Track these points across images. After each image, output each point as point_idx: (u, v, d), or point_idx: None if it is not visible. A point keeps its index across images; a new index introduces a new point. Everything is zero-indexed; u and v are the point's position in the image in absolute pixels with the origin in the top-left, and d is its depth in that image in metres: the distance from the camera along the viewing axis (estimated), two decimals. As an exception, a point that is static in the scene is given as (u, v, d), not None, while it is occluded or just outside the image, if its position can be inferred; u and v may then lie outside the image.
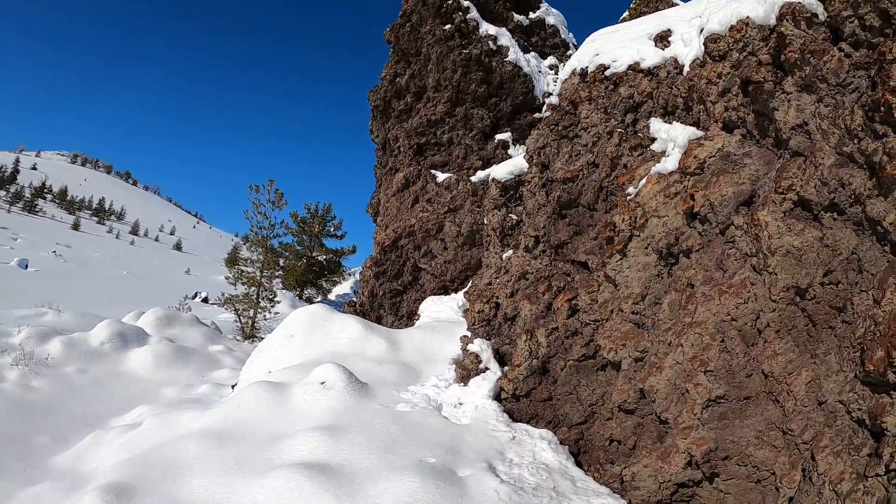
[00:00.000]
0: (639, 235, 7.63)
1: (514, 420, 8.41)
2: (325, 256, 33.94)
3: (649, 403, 7.10)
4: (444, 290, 15.29)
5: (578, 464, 7.72)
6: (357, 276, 37.23)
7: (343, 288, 38.73)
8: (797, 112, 6.41)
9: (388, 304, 16.48)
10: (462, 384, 9.02)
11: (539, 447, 7.60)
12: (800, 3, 6.51)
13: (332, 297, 36.32)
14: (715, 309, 6.63)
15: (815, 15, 6.44)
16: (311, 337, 10.47)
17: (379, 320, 16.27)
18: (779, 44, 6.62)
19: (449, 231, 15.55)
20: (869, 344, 5.45)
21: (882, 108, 5.67)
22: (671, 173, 7.46)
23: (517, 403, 8.64)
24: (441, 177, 16.30)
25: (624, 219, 7.78)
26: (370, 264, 16.85)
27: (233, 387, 11.49)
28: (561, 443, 7.91)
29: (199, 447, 7.01)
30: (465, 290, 13.47)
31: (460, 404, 8.52)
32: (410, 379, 9.24)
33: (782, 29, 6.56)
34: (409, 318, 15.47)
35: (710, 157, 7.03)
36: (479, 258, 14.57)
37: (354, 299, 21.40)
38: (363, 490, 5.99)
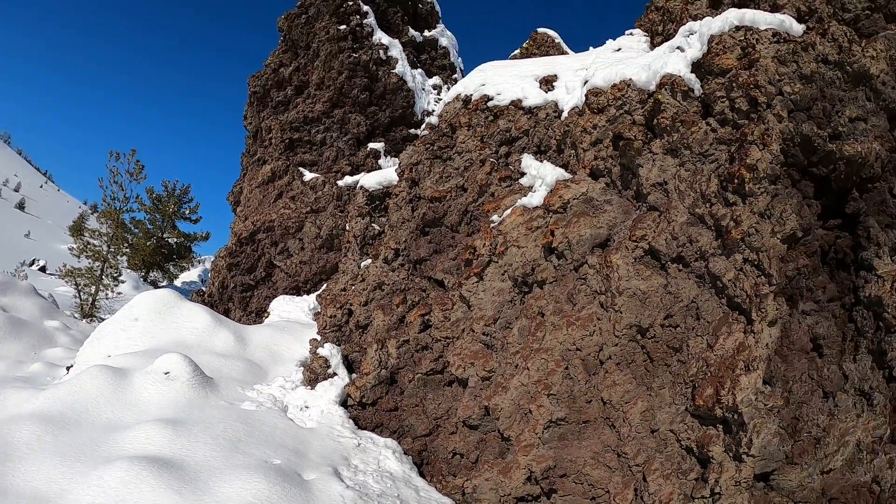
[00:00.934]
0: (497, 262, 7.70)
1: (360, 427, 8.20)
2: (176, 239, 31.48)
3: (493, 420, 7.17)
4: (297, 291, 14.66)
5: (422, 474, 7.65)
6: (207, 264, 35.06)
7: (191, 275, 36.26)
8: (660, 171, 6.80)
9: (238, 298, 15.56)
10: (309, 387, 8.69)
11: (384, 455, 7.47)
12: (680, 76, 6.94)
13: (178, 283, 33.84)
14: (562, 338, 6.83)
15: (692, 90, 6.91)
16: (157, 323, 9.61)
17: (227, 313, 15.27)
18: (654, 108, 6.99)
19: (309, 231, 14.98)
20: (700, 382, 6.07)
21: (736, 181, 6.26)
22: (535, 208, 7.62)
23: (363, 411, 8.44)
24: (308, 176, 15.71)
25: (485, 244, 7.81)
26: (224, 254, 15.83)
27: (68, 368, 10.24)
28: (405, 453, 7.81)
29: (32, 432, 6.22)
30: (319, 293, 12.96)
31: (307, 407, 8.20)
32: (257, 377, 8.75)
33: (659, 96, 6.95)
34: (258, 315, 14.68)
35: (573, 199, 7.24)
36: (336, 263, 14.09)
37: (203, 288, 20.00)
38: (208, 489, 5.55)
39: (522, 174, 8.31)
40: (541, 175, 7.83)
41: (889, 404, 6.12)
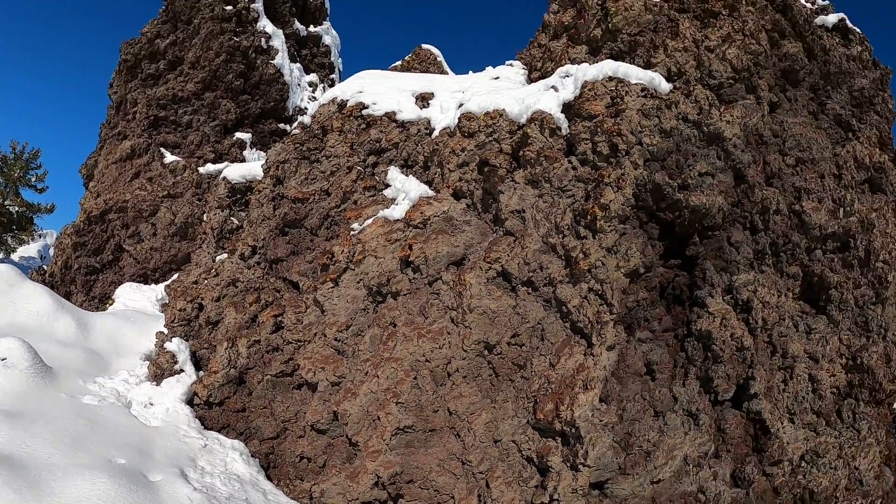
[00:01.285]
0: (354, 269, 7.63)
1: (206, 427, 7.77)
2: (18, 208, 28.25)
3: (342, 426, 7.10)
4: (145, 279, 13.61)
5: (269, 477, 7.38)
6: (49, 239, 31.91)
7: (30, 250, 32.68)
8: (520, 200, 7.03)
9: (82, 281, 14.23)
10: (154, 383, 8.12)
11: (231, 457, 7.13)
12: (550, 114, 7.22)
13: (15, 257, 30.54)
14: (412, 349, 6.89)
15: (559, 128, 7.22)
16: (-7, 302, 8.62)
17: (68, 297, 13.87)
18: (522, 140, 7.21)
19: (163, 217, 14.01)
20: (542, 398, 6.44)
21: (588, 217, 6.66)
22: (396, 221, 7.61)
23: (210, 411, 8.02)
24: (169, 158, 14.69)
25: (343, 251, 7.70)
26: (71, 232, 14.42)
27: None
28: (252, 455, 7.50)
29: None
30: (169, 283, 12.11)
31: (151, 405, 7.66)
32: (99, 369, 8.06)
33: (528, 130, 7.18)
34: (102, 301, 13.49)
35: (434, 216, 7.30)
36: (189, 253, 13.22)
37: (44, 267, 18.14)
38: (50, 489, 5.05)
39: (387, 186, 8.28)
40: (405, 189, 7.82)
41: (714, 424, 6.91)
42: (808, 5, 9.67)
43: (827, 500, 7.32)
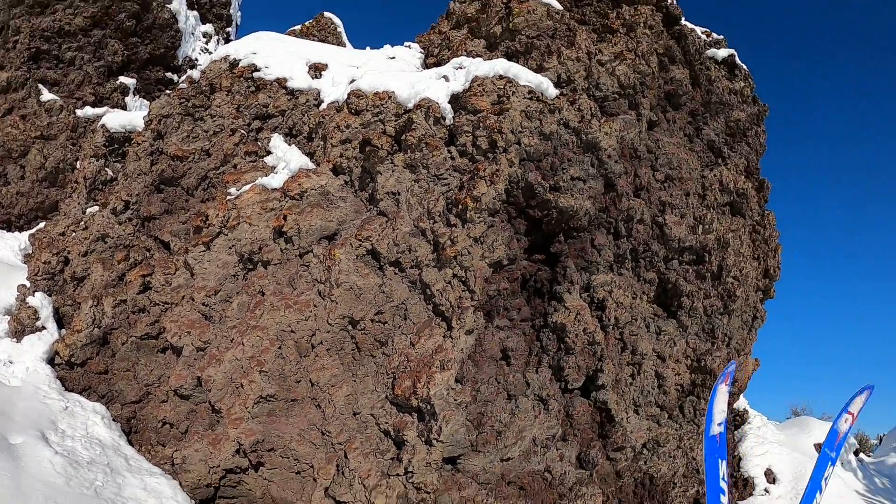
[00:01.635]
0: (227, 234, 7.57)
1: (67, 389, 7.44)
2: None
3: (205, 392, 7.06)
4: (8, 226, 12.66)
5: (130, 442, 7.20)
6: None
7: None
8: (396, 182, 7.19)
9: (-64, 224, 13.11)
10: (15, 340, 7.66)
11: (92, 421, 6.91)
12: (437, 103, 7.37)
13: None
14: (279, 318, 6.94)
15: (444, 118, 7.38)
16: None
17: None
18: (406, 125, 7.33)
19: (33, 160, 13.10)
20: (400, 374, 6.69)
21: (460, 206, 6.89)
22: (274, 190, 7.58)
23: (71, 371, 7.69)
24: (47, 96, 13.64)
25: (218, 215, 7.61)
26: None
27: None
28: (114, 419, 7.29)
29: None
30: (34, 232, 11.39)
31: (11, 363, 7.25)
32: None
33: (414, 116, 7.30)
34: (-46, 246, 12.48)
35: (312, 189, 7.33)
36: (57, 202, 12.44)
37: None
38: None
39: (269, 153, 8.17)
40: (286, 159, 7.78)
41: (563, 410, 7.39)
42: (704, 37, 10.34)
43: (665, 485, 8.09)
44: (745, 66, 10.58)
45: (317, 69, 8.90)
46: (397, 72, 8.31)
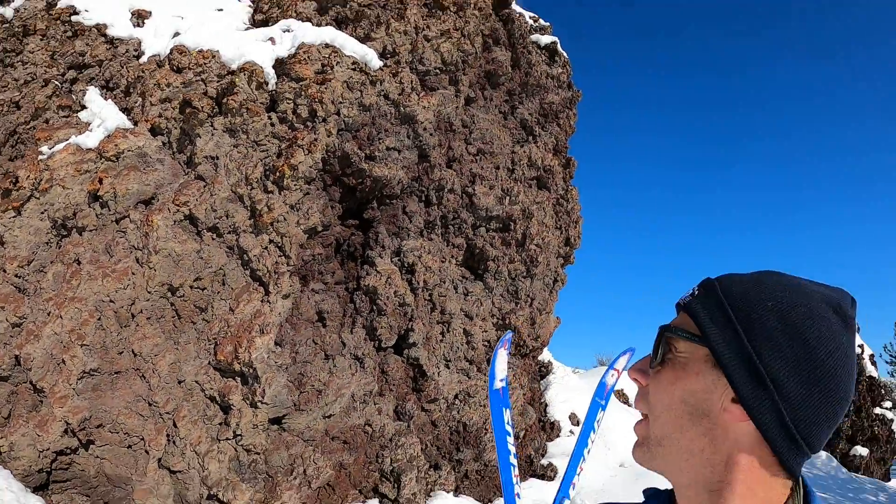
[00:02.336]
0: (39, 199, 7.31)
1: None
2: None
3: (25, 371, 6.79)
4: None
5: None
6: None
7: None
8: (215, 146, 7.32)
9: None
10: None
11: None
12: (261, 68, 7.51)
13: None
14: (97, 288, 6.86)
15: (267, 83, 7.57)
16: None
17: None
18: (228, 88, 7.47)
19: None
20: (222, 340, 6.90)
21: (278, 173, 7.23)
22: (89, 150, 7.37)
23: None
24: None
25: (29, 176, 7.33)
26: None
27: None
28: None
29: None
30: None
31: None
32: None
33: (237, 79, 7.45)
34: None
35: (129, 151, 7.26)
36: None
37: None
38: None
39: (84, 107, 7.85)
40: (102, 116, 7.55)
41: (378, 367, 7.98)
42: (531, 21, 11.25)
43: (478, 431, 9.12)
44: (565, 54, 11.65)
45: (140, 16, 8.57)
46: (223, 28, 8.26)
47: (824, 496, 13.65)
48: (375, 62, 8.11)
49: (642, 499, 1.24)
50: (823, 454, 17.32)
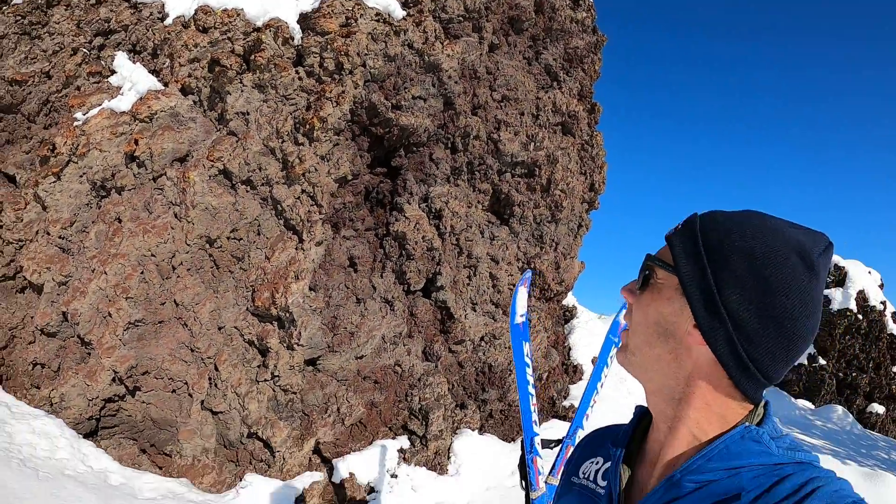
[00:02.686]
0: (77, 163, 7.66)
1: None
2: None
3: (72, 326, 7.17)
4: None
5: (5, 390, 7.20)
6: None
7: None
8: (245, 102, 7.56)
9: None
10: None
11: None
12: (286, 24, 7.68)
13: None
14: (138, 244, 7.19)
15: (293, 38, 7.75)
16: None
17: None
18: (255, 45, 7.65)
19: None
20: (258, 287, 7.32)
21: (307, 126, 7.51)
22: (123, 113, 7.67)
23: None
24: None
25: (66, 142, 7.67)
26: None
27: None
28: None
29: None
30: None
31: None
32: None
33: (263, 36, 7.63)
34: None
35: (161, 111, 7.53)
36: None
37: None
38: None
39: (113, 72, 8.16)
40: (132, 79, 7.84)
41: (407, 310, 8.37)
42: (552, -33, 11.08)
43: (503, 372, 9.50)
44: (590, -3, 11.52)
45: (161, -21, 8.75)
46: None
47: (836, 449, 13.66)
48: (398, 12, 8.24)
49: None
50: (840, 409, 17.23)
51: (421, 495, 7.75)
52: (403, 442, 8.11)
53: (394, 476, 7.70)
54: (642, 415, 1.39)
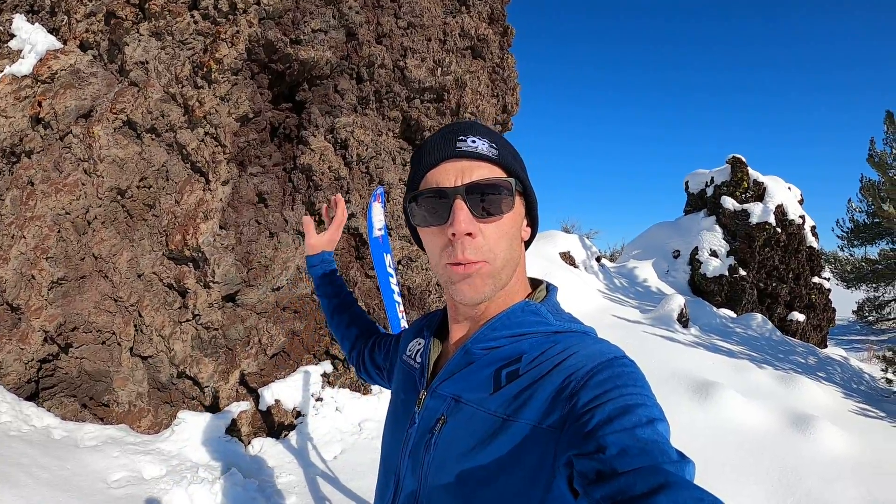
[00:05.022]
0: None
1: None
2: None
3: (0, 294, 7.57)
4: None
5: None
6: None
7: None
8: (143, 52, 8.10)
9: None
10: None
11: None
12: None
13: None
14: (52, 204, 7.62)
15: None
16: None
17: None
18: None
19: None
20: (171, 231, 8.02)
21: (205, 69, 8.15)
22: (24, 77, 8.02)
23: None
24: None
25: (-30, 112, 8.12)
26: None
27: None
28: None
29: None
30: None
31: None
32: None
33: None
34: None
35: (62, 70, 7.94)
36: None
37: None
38: None
39: (13, 36, 8.51)
40: (31, 41, 8.26)
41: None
42: None
43: (423, 293, 10.33)
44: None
45: (48, -64, 8.98)
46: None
47: (754, 354, 14.76)
48: (293, -53, 8.74)
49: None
50: (759, 317, 18.73)
51: (346, 415, 8.70)
52: (326, 367, 9.01)
53: (319, 399, 8.64)
54: None
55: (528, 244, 1.64)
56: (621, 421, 1.07)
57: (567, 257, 20.20)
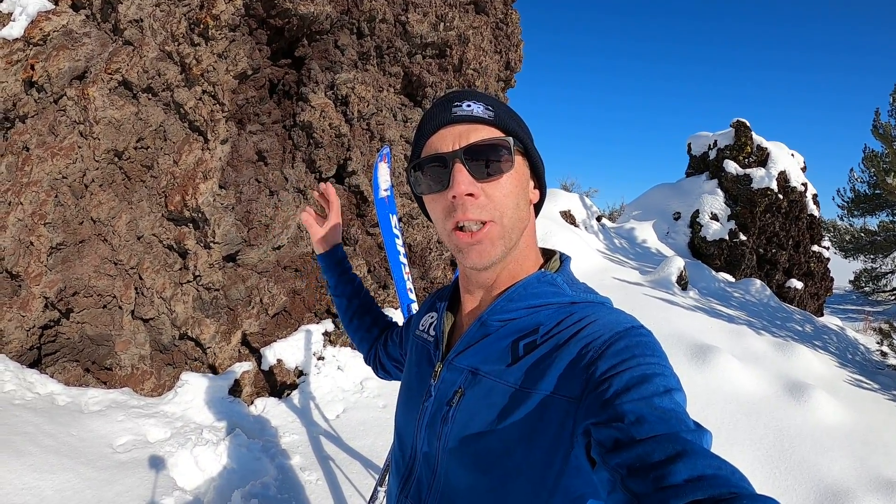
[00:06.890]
0: None
1: None
2: None
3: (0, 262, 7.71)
4: None
5: None
6: None
7: None
8: (137, 9, 8.17)
9: None
10: None
11: None
12: None
13: None
14: (49, 169, 7.70)
15: None
16: None
17: None
18: None
19: None
20: (170, 192, 8.17)
21: (201, 25, 8.24)
22: (16, 40, 7.98)
23: None
24: None
25: (-34, 77, 8.26)
26: None
27: None
28: None
29: None
30: None
31: None
32: None
33: None
34: None
35: (54, 32, 7.95)
36: None
37: None
38: None
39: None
40: (22, 3, 8.17)
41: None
42: None
43: (423, 251, 10.59)
44: None
45: None
46: None
47: (752, 320, 15.11)
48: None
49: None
50: (758, 282, 19.07)
51: (347, 374, 9.01)
52: (328, 325, 9.30)
53: (321, 358, 8.95)
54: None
55: (537, 208, 1.69)
56: (639, 390, 1.12)
57: (568, 216, 20.65)
